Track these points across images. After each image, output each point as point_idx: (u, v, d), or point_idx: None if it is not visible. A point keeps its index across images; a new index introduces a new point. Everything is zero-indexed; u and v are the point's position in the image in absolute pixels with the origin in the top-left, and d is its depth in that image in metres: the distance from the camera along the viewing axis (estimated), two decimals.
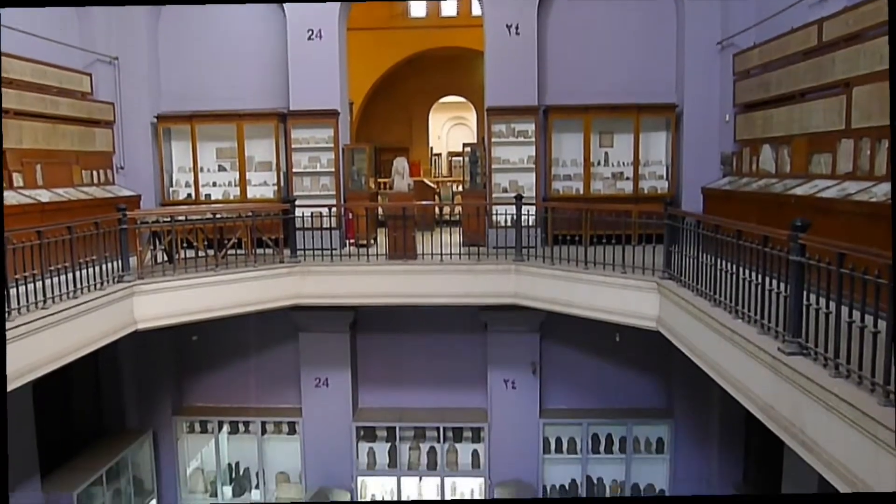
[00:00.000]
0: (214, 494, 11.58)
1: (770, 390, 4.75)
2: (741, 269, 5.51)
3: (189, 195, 11.16)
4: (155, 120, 10.98)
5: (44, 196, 8.60)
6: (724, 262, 5.90)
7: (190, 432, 11.65)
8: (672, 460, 11.07)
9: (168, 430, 11.35)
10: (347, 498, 11.11)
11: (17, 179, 8.38)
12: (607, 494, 11.26)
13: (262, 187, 11.22)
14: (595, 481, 11.32)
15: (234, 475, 11.80)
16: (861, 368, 3.85)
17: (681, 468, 11.03)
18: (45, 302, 6.33)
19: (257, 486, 11.61)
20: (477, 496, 11.38)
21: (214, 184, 11.25)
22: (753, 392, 5.07)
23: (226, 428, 11.64)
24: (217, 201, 11.06)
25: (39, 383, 8.48)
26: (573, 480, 11.33)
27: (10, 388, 5.71)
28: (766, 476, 9.52)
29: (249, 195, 11.06)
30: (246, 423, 11.53)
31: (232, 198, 11.11)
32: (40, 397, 8.76)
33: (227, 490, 11.62)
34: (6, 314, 5.80)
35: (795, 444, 4.39)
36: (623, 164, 10.99)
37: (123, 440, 10.61)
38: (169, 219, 8.84)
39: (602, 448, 11.18)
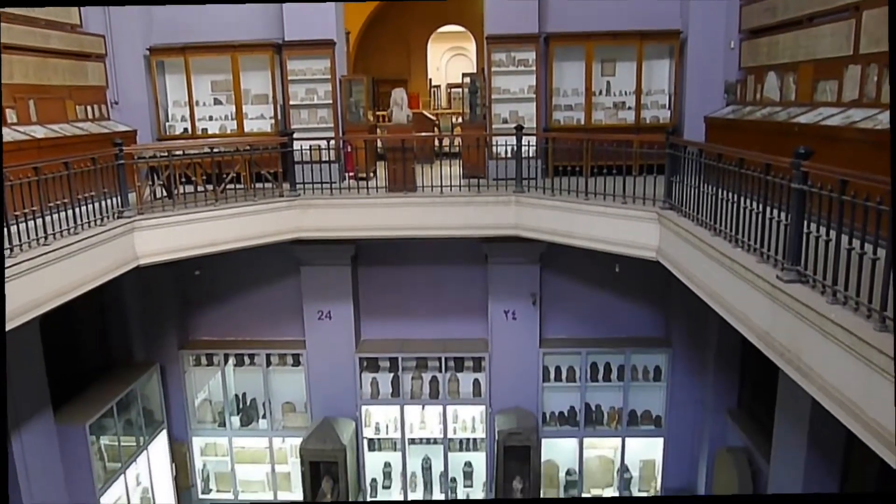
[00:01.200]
0: (223, 424, 11.89)
1: (767, 317, 4.81)
2: (742, 199, 5.49)
3: (185, 130, 11.04)
4: (147, 53, 10.75)
5: (39, 132, 8.50)
6: (725, 192, 5.88)
7: (196, 365, 11.86)
8: (668, 387, 11.31)
9: (175, 364, 11.56)
10: (352, 426, 11.41)
11: (11, 115, 8.27)
12: (605, 420, 11.57)
13: (259, 121, 11.08)
14: (593, 408, 11.61)
15: (241, 406, 12.09)
16: (858, 295, 3.88)
17: (677, 394, 11.29)
18: (45, 238, 6.35)
19: (264, 416, 11.90)
20: (479, 423, 11.69)
21: (211, 118, 11.11)
22: (751, 319, 5.13)
23: (231, 360, 11.84)
24: (214, 135, 10.95)
25: (46, 319, 8.60)
26: (572, 407, 11.61)
27: (15, 324, 5.81)
28: (759, 402, 9.75)
29: (246, 129, 10.94)
30: (251, 356, 11.72)
31: (229, 132, 10.99)
32: (47, 333, 8.88)
33: (235, 420, 11.92)
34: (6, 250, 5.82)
35: (791, 370, 4.48)
36: (625, 93, 10.82)
37: (131, 373, 10.80)
38: (166, 154, 8.77)
39: (601, 376, 11.41)
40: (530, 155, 9.39)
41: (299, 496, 11.43)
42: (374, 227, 9.35)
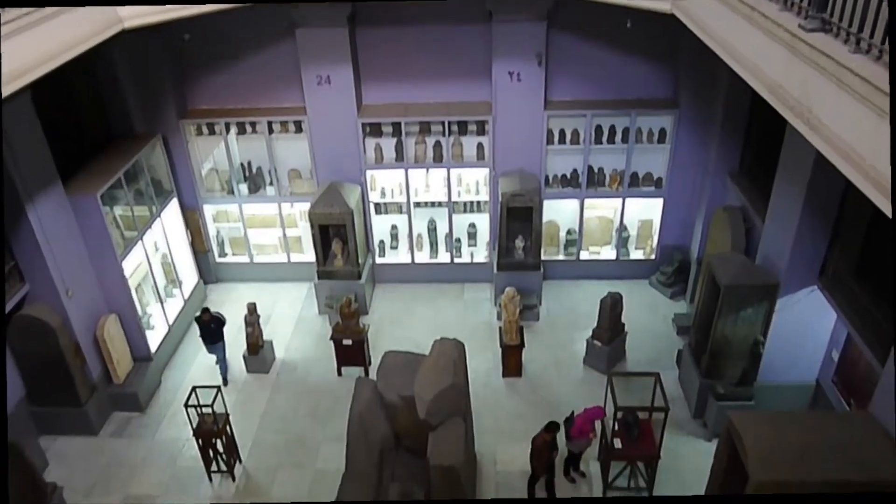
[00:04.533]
0: (231, 192, 12.15)
1: (782, 69, 4.63)
2: None
3: None
4: None
5: None
6: None
7: (198, 135, 11.81)
8: (672, 149, 11.31)
9: (177, 134, 11.50)
10: (358, 190, 11.65)
11: None
12: (607, 182, 11.74)
13: None
14: (596, 170, 11.73)
15: (247, 174, 12.25)
16: (884, 43, 3.67)
17: (680, 156, 11.33)
18: None
19: (271, 183, 12.11)
20: (482, 186, 11.90)
21: None
22: (764, 72, 4.95)
23: (233, 129, 11.77)
24: None
25: (42, 96, 8.46)
26: (574, 170, 11.74)
27: (5, 92, 5.64)
28: (761, 164, 9.79)
29: None
30: (252, 124, 11.62)
31: None
32: (45, 108, 8.75)
33: (243, 188, 12.15)
34: None
35: (800, 124, 4.40)
36: None
37: (134, 145, 10.77)
38: None
39: (605, 139, 11.37)
40: None
41: (311, 257, 12.02)
42: None
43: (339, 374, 10.68)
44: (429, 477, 7.21)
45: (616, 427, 8.31)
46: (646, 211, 12.17)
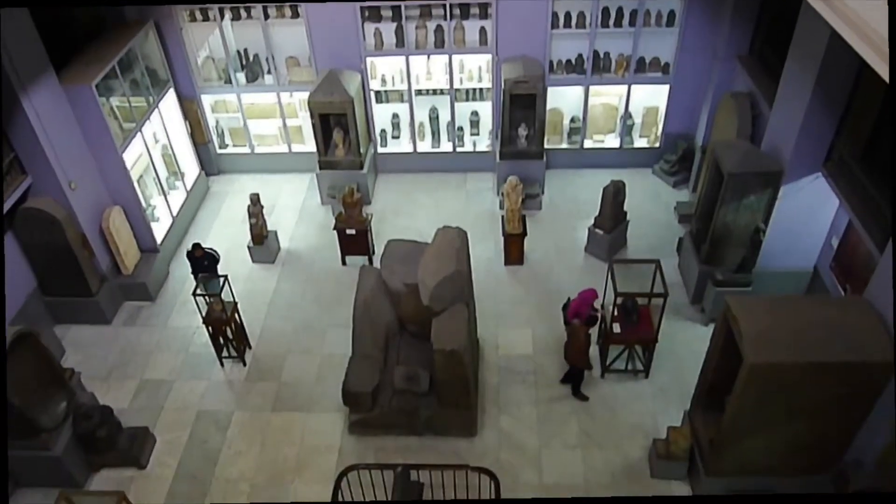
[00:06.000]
0: (229, 81, 11.87)
1: None
2: None
3: None
4: None
5: None
6: None
7: (192, 20, 11.41)
8: (681, 32, 10.93)
9: (170, 20, 11.10)
10: (358, 78, 11.37)
11: None
12: (612, 68, 11.44)
13: None
14: (601, 55, 11.39)
15: (244, 62, 11.93)
16: None
17: (688, 40, 10.97)
18: None
19: (269, 72, 11.81)
20: (485, 73, 11.61)
21: None
22: None
23: (228, 14, 11.34)
24: None
25: None
26: (580, 55, 11.40)
27: None
28: (772, 47, 9.50)
29: None
30: (247, 8, 11.18)
31: None
32: None
33: (241, 77, 11.87)
34: None
35: (816, 1, 4.24)
36: None
37: (127, 32, 10.40)
38: None
39: (611, 22, 10.96)
40: None
41: (312, 148, 11.92)
42: None
43: (344, 263, 10.84)
44: (433, 360, 7.47)
45: (615, 312, 8.52)
46: (651, 98, 11.92)
